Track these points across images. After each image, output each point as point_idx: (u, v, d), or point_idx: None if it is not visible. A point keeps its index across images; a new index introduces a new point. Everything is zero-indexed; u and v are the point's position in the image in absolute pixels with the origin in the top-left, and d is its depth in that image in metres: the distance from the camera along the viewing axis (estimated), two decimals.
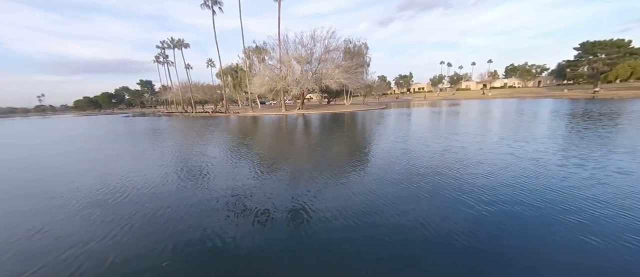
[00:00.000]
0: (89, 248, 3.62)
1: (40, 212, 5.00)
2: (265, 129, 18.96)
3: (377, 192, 5.29)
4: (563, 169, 6.26)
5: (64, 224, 4.45)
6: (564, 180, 5.52)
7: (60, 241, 3.85)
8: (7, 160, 11.06)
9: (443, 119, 20.30)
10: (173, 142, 14.08)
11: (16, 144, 16.41)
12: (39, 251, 3.64)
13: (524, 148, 8.52)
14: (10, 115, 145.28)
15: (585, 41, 57.90)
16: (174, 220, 4.40)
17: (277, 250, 3.47)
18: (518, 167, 6.56)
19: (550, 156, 7.48)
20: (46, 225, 4.41)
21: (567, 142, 9.37)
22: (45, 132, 23.84)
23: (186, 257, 3.33)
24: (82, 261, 3.32)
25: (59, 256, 3.46)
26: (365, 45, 44.35)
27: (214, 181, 6.47)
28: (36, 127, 31.57)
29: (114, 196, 5.65)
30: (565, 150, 8.12)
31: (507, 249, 3.28)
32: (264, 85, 37.85)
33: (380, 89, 66.45)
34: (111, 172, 7.74)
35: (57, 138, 18.45)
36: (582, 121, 14.25)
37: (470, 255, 3.18)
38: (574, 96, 50.98)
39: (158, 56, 58.47)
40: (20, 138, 19.62)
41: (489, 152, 8.22)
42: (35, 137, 19.61)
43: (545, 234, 3.57)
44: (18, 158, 11.38)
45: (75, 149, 13.06)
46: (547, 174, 5.96)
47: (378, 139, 11.99)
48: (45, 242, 3.86)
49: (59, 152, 12.62)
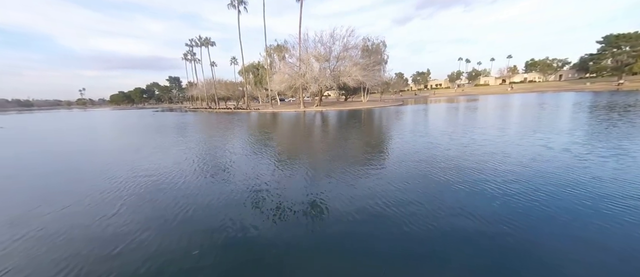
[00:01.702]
0: (137, 238, 3.89)
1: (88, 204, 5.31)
2: (285, 125, 19.99)
3: (399, 185, 5.45)
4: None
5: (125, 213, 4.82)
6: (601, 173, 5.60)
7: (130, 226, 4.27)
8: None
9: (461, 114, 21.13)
10: (204, 136, 15.39)
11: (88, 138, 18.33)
12: (101, 237, 4.00)
13: (552, 140, 8.93)
14: (56, 107, 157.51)
15: (609, 34, 56.36)
16: (201, 212, 4.67)
17: (298, 242, 3.61)
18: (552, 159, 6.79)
19: (580, 147, 7.79)
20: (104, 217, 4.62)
21: (594, 133, 9.77)
22: (106, 125, 25.28)
23: (213, 247, 3.58)
24: (133, 249, 3.63)
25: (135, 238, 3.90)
26: (383, 43, 45.62)
27: (238, 175, 6.79)
28: (94, 119, 32.54)
29: (158, 188, 6.11)
30: (592, 142, 8.45)
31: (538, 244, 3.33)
32: (284, 82, 39.83)
33: (397, 86, 67.38)
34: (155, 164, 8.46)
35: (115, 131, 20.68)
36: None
37: (498, 251, 3.22)
38: (597, 89, 50.10)
39: (186, 54, 62.63)
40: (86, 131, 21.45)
41: (515, 145, 8.56)
42: (101, 130, 21.53)
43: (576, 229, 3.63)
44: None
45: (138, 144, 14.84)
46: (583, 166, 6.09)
47: (395, 133, 12.83)
48: (104, 233, 4.10)
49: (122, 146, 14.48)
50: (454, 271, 2.95)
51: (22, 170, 8.75)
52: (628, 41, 53.58)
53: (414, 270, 3.00)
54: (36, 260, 3.52)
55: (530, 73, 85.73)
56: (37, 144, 14.62)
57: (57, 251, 3.70)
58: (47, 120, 38.05)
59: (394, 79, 62.65)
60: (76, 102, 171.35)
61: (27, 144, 14.66)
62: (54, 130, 22.80)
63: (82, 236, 4.10)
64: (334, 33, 36.23)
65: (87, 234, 4.12)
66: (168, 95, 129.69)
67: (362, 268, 3.08)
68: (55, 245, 3.86)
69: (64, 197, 5.77)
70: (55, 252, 3.66)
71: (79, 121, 33.83)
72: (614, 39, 55.33)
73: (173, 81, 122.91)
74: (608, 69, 59.93)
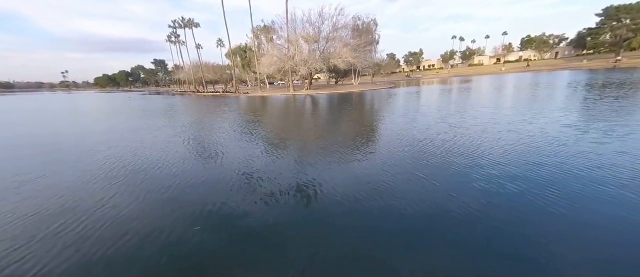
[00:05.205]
0: (140, 222, 3.98)
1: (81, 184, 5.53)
2: (274, 110, 19.70)
3: (391, 169, 5.48)
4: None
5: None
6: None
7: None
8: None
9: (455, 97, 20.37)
10: (195, 119, 15.46)
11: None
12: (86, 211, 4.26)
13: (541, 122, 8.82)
14: (38, 90, 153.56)
15: (609, 6, 54.49)
16: (198, 193, 4.83)
17: (288, 221, 3.74)
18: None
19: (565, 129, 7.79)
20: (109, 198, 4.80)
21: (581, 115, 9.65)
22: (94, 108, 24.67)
23: (211, 225, 3.76)
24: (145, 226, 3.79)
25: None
26: (375, 22, 43.32)
27: (230, 158, 6.90)
28: (82, 102, 31.54)
29: (156, 167, 6.47)
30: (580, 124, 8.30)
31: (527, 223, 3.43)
32: (273, 65, 38.10)
33: (389, 68, 65.51)
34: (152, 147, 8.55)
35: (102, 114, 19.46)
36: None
37: (486, 231, 3.31)
38: (594, 67, 49.04)
39: (170, 36, 59.51)
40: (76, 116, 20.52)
41: (500, 131, 8.31)
42: (92, 113, 20.46)
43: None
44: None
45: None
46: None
47: (385, 119, 12.38)
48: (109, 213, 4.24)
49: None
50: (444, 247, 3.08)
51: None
52: (629, 13, 51.93)
53: (408, 245, 3.14)
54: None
55: (526, 51, 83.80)
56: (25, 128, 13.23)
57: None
58: (37, 103, 36.05)
59: (385, 61, 60.64)
60: (59, 84, 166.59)
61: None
62: (46, 111, 21.30)
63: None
64: (323, 12, 34.25)
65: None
66: (155, 79, 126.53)
67: (353, 241, 3.25)
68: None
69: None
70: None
71: (72, 104, 32.47)
72: (615, 11, 53.57)
73: (159, 64, 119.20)
74: (606, 45, 58.50)
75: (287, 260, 2.98)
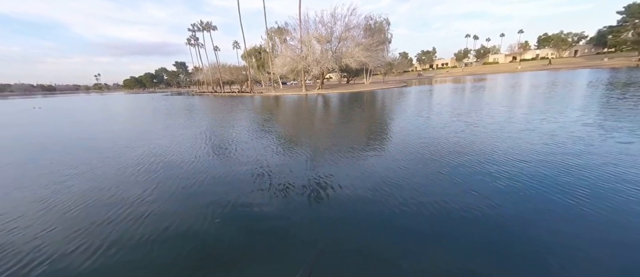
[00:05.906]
0: (162, 209, 4.38)
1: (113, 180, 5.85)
2: (288, 108, 20.26)
3: (407, 167, 5.53)
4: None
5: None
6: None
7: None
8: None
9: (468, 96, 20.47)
10: (217, 117, 16.43)
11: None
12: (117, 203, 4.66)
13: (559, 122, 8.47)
14: (75, 92, 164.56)
15: (632, 3, 52.66)
16: (221, 187, 5.15)
17: (300, 217, 3.86)
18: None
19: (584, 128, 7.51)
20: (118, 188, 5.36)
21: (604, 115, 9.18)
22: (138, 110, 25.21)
23: (230, 218, 3.99)
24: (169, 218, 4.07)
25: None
26: (387, 21, 43.86)
27: (248, 155, 7.22)
28: (115, 102, 30.74)
29: (180, 164, 6.77)
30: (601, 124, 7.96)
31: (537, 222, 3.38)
32: (286, 65, 39.16)
33: (401, 67, 65.46)
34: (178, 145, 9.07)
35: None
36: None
37: (496, 230, 3.27)
38: (616, 65, 47.57)
39: (190, 39, 62.39)
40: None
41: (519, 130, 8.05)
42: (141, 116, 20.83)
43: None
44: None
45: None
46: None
47: (396, 117, 12.55)
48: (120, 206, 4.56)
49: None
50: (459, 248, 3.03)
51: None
52: None
53: (426, 248, 3.09)
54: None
55: (543, 49, 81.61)
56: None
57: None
58: (80, 103, 40.17)
59: (397, 60, 60.74)
60: (93, 87, 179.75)
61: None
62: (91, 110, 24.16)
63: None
64: (335, 12, 35.03)
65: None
66: (176, 80, 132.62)
67: (363, 239, 3.30)
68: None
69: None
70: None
71: (108, 103, 35.76)
72: (638, 9, 51.75)
73: (180, 66, 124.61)
74: (628, 43, 56.47)
75: (298, 253, 3.09)
